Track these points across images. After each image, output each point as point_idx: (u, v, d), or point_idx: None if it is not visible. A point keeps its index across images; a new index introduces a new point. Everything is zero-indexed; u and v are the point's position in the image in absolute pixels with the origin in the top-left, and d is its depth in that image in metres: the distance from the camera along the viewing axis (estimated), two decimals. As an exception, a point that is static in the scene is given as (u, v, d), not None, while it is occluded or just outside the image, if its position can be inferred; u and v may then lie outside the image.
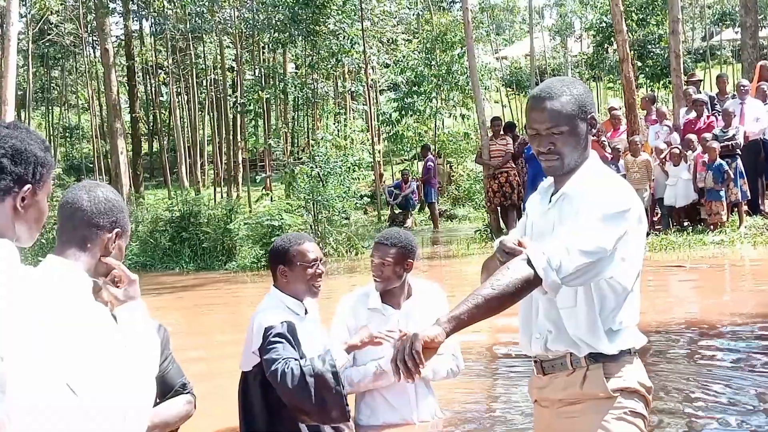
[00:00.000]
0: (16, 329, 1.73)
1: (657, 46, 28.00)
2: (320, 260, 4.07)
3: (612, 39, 25.01)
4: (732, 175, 13.07)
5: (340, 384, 3.78)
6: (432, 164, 22.04)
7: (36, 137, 2.08)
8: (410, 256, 4.17)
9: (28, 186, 2.01)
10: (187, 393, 3.28)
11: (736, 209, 13.43)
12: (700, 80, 16.32)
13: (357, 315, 4.24)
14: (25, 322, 1.75)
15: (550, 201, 2.60)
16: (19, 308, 1.75)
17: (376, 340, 4.04)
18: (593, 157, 2.60)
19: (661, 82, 28.33)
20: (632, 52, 19.59)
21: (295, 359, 3.79)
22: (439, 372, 4.25)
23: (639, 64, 26.83)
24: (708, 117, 14.34)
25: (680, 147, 13.81)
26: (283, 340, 3.82)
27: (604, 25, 28.43)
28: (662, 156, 13.92)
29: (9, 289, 1.75)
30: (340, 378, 3.80)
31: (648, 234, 13.28)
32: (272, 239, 14.39)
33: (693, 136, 13.70)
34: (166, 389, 3.20)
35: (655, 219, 14.40)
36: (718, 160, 13.06)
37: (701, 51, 37.97)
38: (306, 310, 4.08)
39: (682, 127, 14.57)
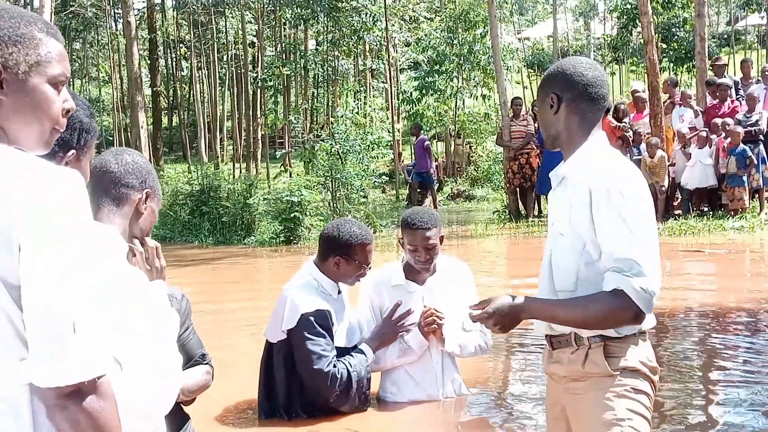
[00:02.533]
0: None
1: (681, 29, 27.69)
2: None
3: (636, 21, 24.77)
4: (755, 161, 12.98)
5: (369, 387, 4.03)
6: (428, 143, 21.35)
7: (82, 103, 2.11)
8: (442, 232, 4.18)
9: (72, 151, 2.05)
10: (206, 364, 3.32)
11: (757, 195, 13.35)
12: (725, 64, 16.13)
13: (380, 292, 4.25)
14: None
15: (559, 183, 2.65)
16: None
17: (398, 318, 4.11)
18: (594, 139, 2.59)
19: (685, 66, 28.05)
20: (656, 34, 19.40)
21: (337, 357, 3.97)
22: (466, 347, 4.24)
23: (663, 47, 26.56)
24: (732, 102, 14.22)
25: (707, 131, 13.69)
26: (324, 333, 3.91)
27: (628, 6, 28.15)
28: (688, 138, 13.80)
29: None
30: (370, 381, 4.00)
31: (667, 218, 13.24)
32: (291, 215, 14.46)
33: (719, 120, 13.58)
34: (186, 359, 3.24)
35: (675, 203, 14.34)
36: (741, 146, 12.96)
37: (726, 35, 37.54)
38: (339, 290, 4.12)
39: (705, 111, 14.45)
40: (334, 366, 3.90)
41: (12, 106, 1.63)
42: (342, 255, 4.03)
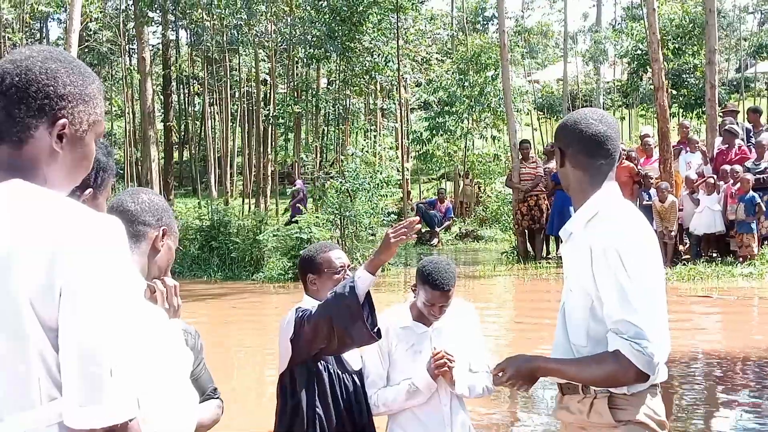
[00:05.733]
0: None
1: (692, 75, 27.86)
2: (347, 267, 4.11)
3: (647, 67, 24.95)
4: (764, 208, 13.00)
5: (357, 299, 3.65)
6: (303, 188, 21.74)
7: (100, 142, 2.16)
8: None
9: (90, 190, 2.10)
10: (216, 398, 3.35)
11: (766, 242, 13.34)
12: (737, 111, 16.20)
13: (388, 335, 4.26)
14: None
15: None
16: None
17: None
18: (602, 192, 2.58)
19: (695, 112, 28.16)
20: (667, 81, 19.54)
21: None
22: (474, 389, 4.24)
23: (673, 93, 26.71)
24: (740, 148, 14.27)
25: (715, 177, 13.73)
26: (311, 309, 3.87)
27: (639, 52, 28.34)
28: (695, 185, 13.84)
29: None
30: (361, 296, 3.66)
31: (676, 264, 13.22)
32: (300, 252, 14.46)
33: (729, 167, 13.63)
34: (198, 393, 3.28)
35: (683, 249, 14.33)
36: (750, 193, 12.99)
37: (735, 82, 37.73)
38: None
39: (714, 157, 14.50)
40: (307, 310, 3.87)
41: (65, 158, 1.70)
42: (311, 272, 4.08)
